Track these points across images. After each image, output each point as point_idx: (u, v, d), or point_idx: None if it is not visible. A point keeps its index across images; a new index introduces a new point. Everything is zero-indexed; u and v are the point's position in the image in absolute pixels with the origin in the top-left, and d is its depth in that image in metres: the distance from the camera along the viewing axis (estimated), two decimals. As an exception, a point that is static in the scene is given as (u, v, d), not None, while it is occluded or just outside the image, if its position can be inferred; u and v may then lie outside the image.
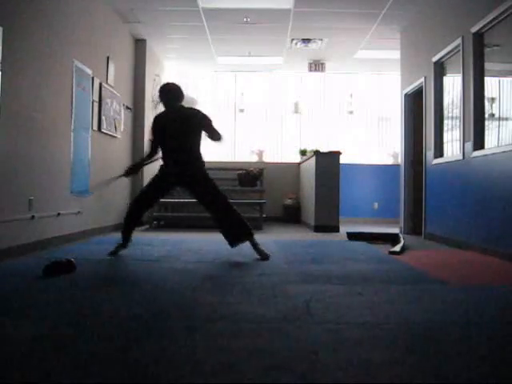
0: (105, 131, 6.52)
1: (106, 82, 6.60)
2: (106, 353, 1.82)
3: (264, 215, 8.15)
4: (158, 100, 4.51)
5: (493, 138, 4.95)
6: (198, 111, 4.42)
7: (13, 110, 4.18)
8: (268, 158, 10.11)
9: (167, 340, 1.97)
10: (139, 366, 1.67)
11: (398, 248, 5.01)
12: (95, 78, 6.15)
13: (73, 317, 2.32)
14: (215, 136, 4.37)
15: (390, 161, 9.97)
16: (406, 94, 7.39)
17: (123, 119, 7.43)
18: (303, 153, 9.42)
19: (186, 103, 4.48)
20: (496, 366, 1.73)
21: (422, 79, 6.62)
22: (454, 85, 5.88)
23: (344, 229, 7.15)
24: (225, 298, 2.76)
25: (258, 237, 6.56)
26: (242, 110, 10.21)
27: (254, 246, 4.35)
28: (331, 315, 2.39)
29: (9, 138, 4.11)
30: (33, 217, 4.52)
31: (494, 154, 4.70)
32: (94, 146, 6.13)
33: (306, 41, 8.15)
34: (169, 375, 1.60)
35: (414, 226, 7.09)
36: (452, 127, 5.97)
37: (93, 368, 1.65)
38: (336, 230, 7.32)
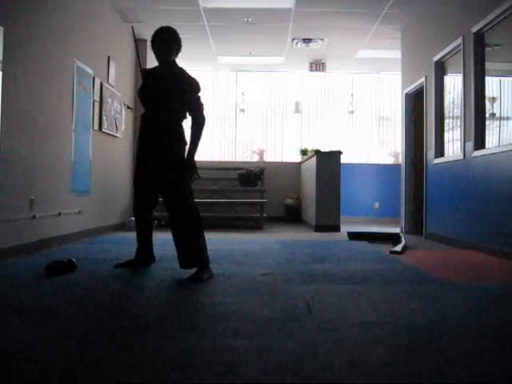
0: (106, 131, 6.53)
1: (107, 82, 6.60)
2: (105, 352, 1.82)
3: (265, 215, 8.16)
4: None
5: (493, 138, 4.95)
6: (189, 75, 3.47)
7: (14, 109, 4.18)
8: (269, 158, 10.11)
9: (167, 340, 1.98)
10: (139, 366, 1.67)
11: (398, 248, 5.02)
12: (96, 78, 6.15)
13: (73, 316, 2.33)
14: (196, 113, 3.37)
15: (390, 160, 9.97)
16: (406, 94, 7.39)
17: (124, 119, 7.44)
18: (304, 152, 9.42)
19: None
20: (497, 365, 1.73)
21: (423, 79, 6.61)
22: (454, 84, 5.88)
23: (345, 228, 7.15)
24: (225, 297, 2.76)
25: (259, 236, 6.60)
26: (242, 110, 10.21)
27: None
28: (332, 315, 2.40)
29: (10, 137, 4.11)
30: (34, 216, 4.52)
31: (494, 153, 4.69)
32: (95, 146, 6.14)
33: (307, 40, 8.15)
34: (168, 375, 1.60)
35: (415, 225, 7.09)
36: (453, 127, 5.97)
37: (92, 368, 1.66)
38: (337, 229, 7.32)
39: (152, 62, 3.78)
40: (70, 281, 3.20)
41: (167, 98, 3.40)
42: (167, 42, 3.45)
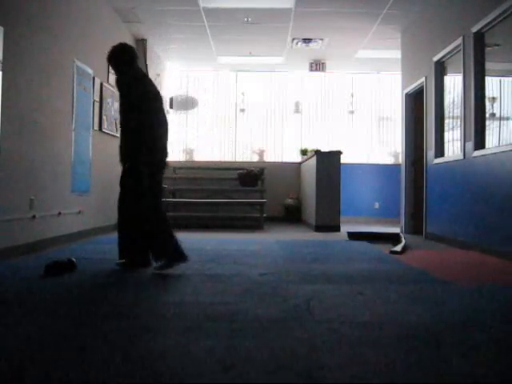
0: (106, 131, 6.53)
1: (107, 82, 6.60)
2: (106, 352, 1.82)
3: (265, 215, 8.16)
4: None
5: (493, 138, 4.95)
6: (137, 82, 3.67)
7: (14, 109, 4.18)
8: (269, 158, 10.11)
9: (167, 340, 1.98)
10: (139, 366, 1.67)
11: (398, 248, 5.02)
12: (96, 78, 6.15)
13: (73, 316, 2.33)
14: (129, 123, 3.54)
15: (390, 160, 9.97)
16: (406, 94, 7.39)
17: (124, 119, 7.42)
18: (304, 152, 9.42)
19: (186, 103, 4.20)
20: (496, 365, 1.74)
21: (423, 79, 6.61)
22: (454, 84, 5.88)
23: (345, 228, 7.15)
24: (225, 297, 2.76)
25: (259, 236, 6.61)
26: (242, 110, 10.21)
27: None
28: (332, 315, 2.40)
29: (10, 137, 4.11)
30: (34, 216, 4.52)
31: (494, 153, 4.69)
32: (95, 146, 6.14)
33: (307, 40, 8.15)
34: (169, 375, 1.60)
35: (415, 225, 7.09)
36: (453, 127, 5.97)
37: (93, 367, 1.66)
38: (337, 229, 7.32)
39: (152, 62, 3.78)
40: (70, 281, 3.20)
41: (122, 109, 3.62)
42: (113, 67, 3.86)
